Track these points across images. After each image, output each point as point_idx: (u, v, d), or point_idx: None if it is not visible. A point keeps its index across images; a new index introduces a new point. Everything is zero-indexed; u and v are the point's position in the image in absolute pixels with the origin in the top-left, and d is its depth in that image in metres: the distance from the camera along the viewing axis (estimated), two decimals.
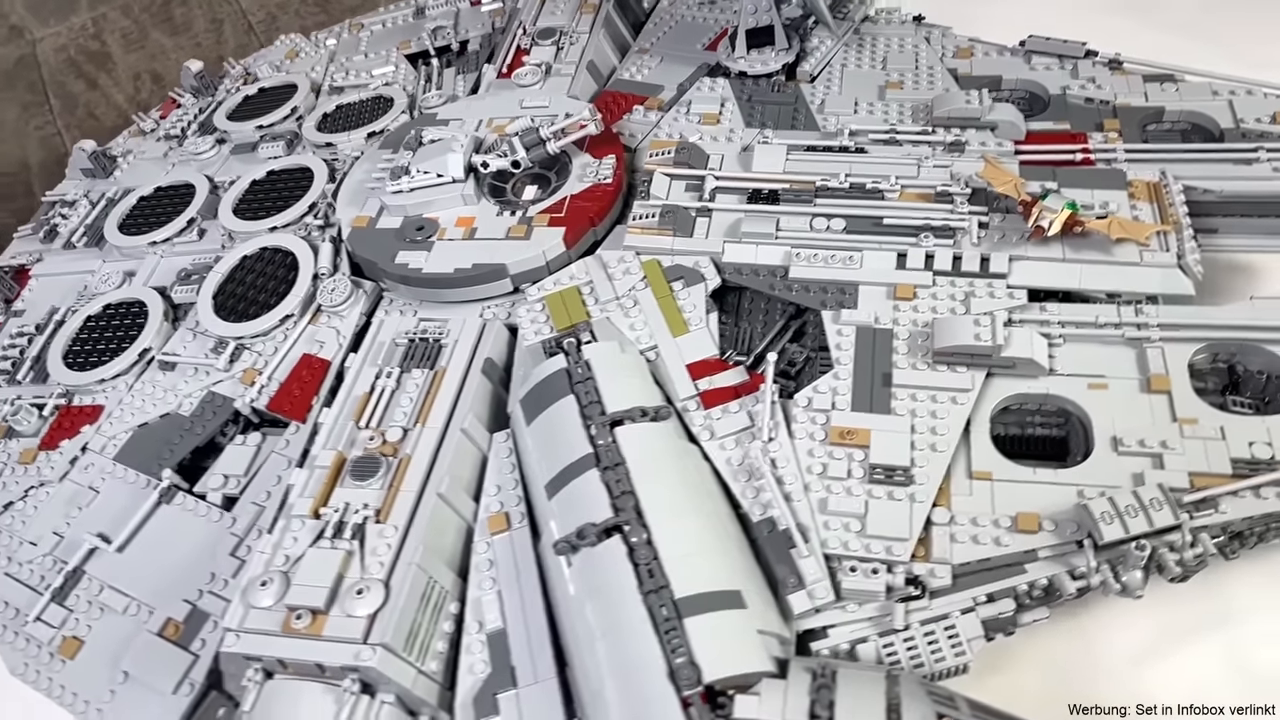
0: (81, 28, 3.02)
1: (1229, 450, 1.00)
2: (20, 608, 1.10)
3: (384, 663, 0.92)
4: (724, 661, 0.86)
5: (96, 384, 1.27)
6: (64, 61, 3.01)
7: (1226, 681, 1.10)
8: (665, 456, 1.02)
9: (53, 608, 1.09)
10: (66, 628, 1.08)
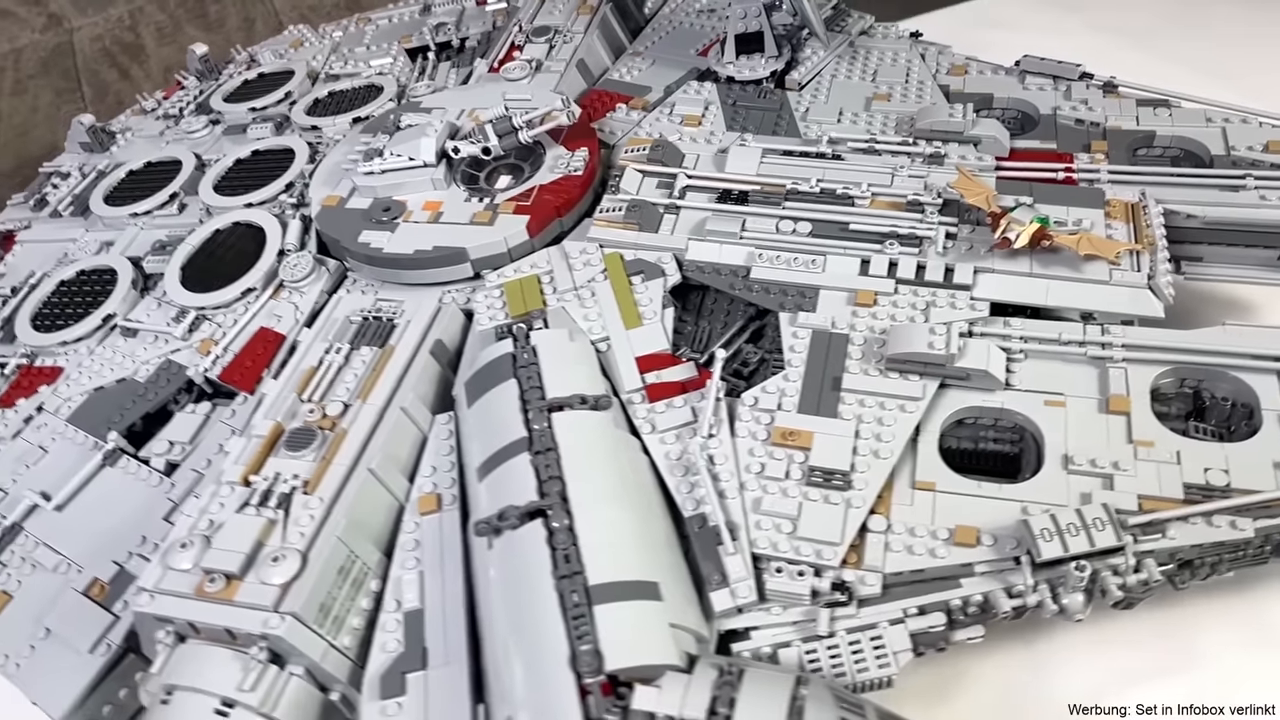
0: (118, 19, 3.09)
1: (1183, 475, 0.96)
2: None
3: (292, 632, 0.90)
4: (628, 651, 0.83)
5: (59, 346, 1.28)
6: (99, 51, 3.07)
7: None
8: (600, 445, 1.00)
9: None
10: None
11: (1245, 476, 0.96)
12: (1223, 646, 1.14)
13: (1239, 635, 1.14)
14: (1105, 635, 1.18)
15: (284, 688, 0.92)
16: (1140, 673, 1.14)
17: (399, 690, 0.91)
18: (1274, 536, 0.94)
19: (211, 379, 1.18)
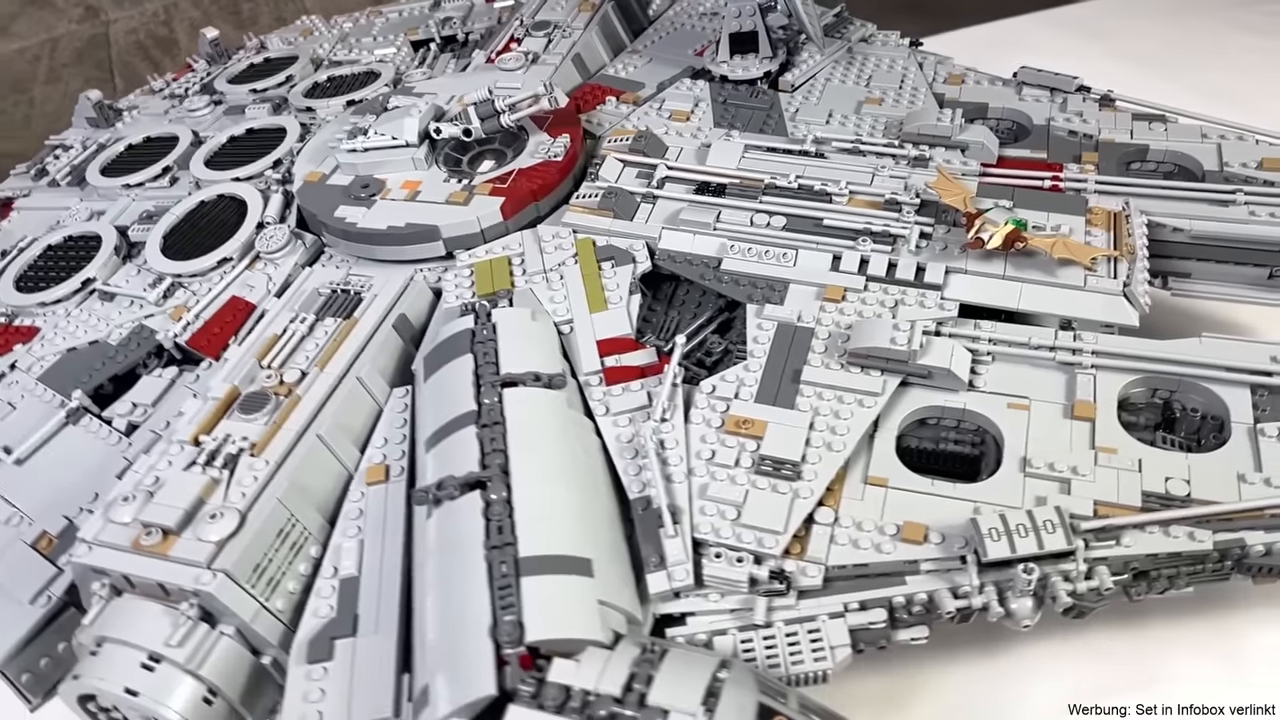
0: (153, 14, 3.16)
1: (1143, 483, 0.93)
2: None
3: (223, 590, 0.90)
4: (551, 624, 0.82)
5: (38, 306, 1.29)
6: (133, 44, 3.14)
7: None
8: (550, 423, 0.99)
9: None
10: None
11: (1207, 488, 0.93)
12: (1188, 672, 1.11)
13: (1205, 662, 1.11)
14: (1067, 653, 1.15)
15: (213, 646, 0.91)
16: (1100, 692, 1.11)
17: (327, 655, 0.90)
18: (1234, 551, 0.91)
19: (180, 345, 1.19)
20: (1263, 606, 1.16)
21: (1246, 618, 1.15)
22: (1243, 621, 1.15)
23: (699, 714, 0.74)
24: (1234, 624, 1.15)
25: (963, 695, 1.13)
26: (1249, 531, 0.91)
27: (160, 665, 0.89)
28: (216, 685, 0.91)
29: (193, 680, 0.90)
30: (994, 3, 2.95)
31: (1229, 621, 1.15)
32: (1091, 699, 1.10)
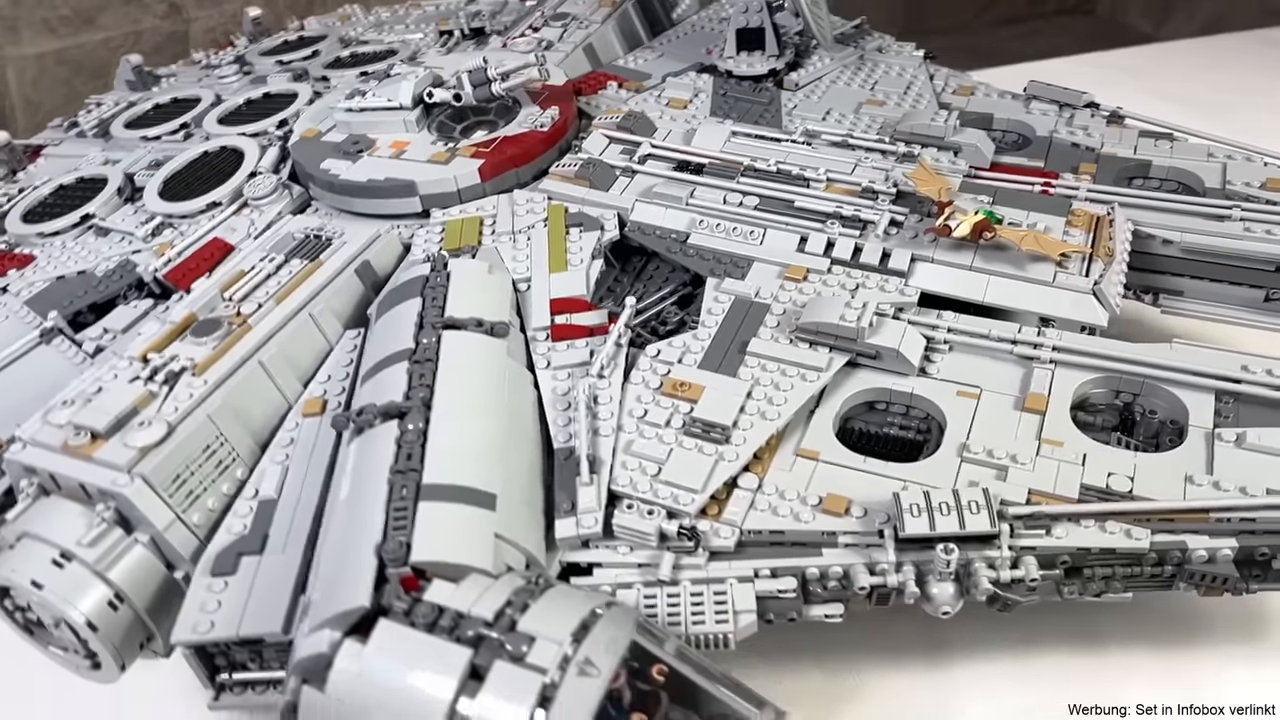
0: (231, 15, 3.30)
1: (1083, 476, 0.89)
2: None
3: (139, 494, 0.90)
4: (438, 547, 0.81)
5: (37, 237, 1.34)
6: (209, 41, 3.28)
7: None
8: (483, 367, 0.98)
9: None
10: None
11: (1151, 487, 0.88)
12: (1142, 704, 1.05)
13: (1162, 695, 1.05)
14: (1018, 672, 1.10)
15: (124, 552, 0.92)
16: (1042, 713, 1.05)
17: (230, 570, 0.90)
18: (1173, 555, 0.86)
19: (159, 279, 1.21)
20: (1232, 643, 1.10)
21: (1213, 655, 1.09)
22: (1209, 657, 1.09)
23: (566, 642, 0.72)
24: (1198, 659, 1.09)
25: (902, 701, 1.09)
26: (1191, 535, 0.86)
27: (70, 564, 0.90)
28: (124, 591, 0.91)
29: (100, 583, 0.91)
30: (1039, 45, 2.93)
31: (1192, 656, 1.09)
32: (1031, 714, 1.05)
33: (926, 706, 1.09)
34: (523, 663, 0.71)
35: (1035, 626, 1.14)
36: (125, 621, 0.92)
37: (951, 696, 1.09)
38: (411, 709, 0.71)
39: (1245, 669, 1.08)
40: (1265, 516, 0.85)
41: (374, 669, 0.73)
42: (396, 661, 0.73)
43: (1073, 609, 1.15)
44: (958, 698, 1.09)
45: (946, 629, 1.15)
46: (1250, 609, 1.14)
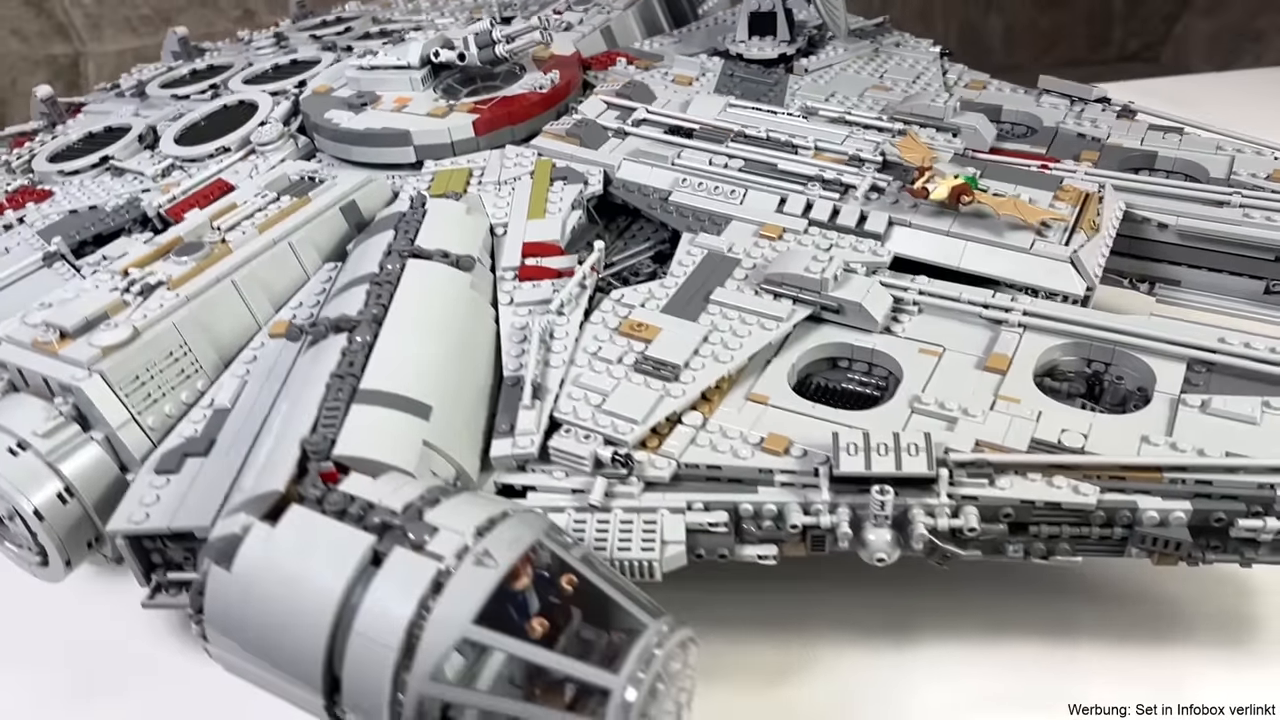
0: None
1: (1035, 431, 0.86)
2: None
3: (96, 391, 0.93)
4: (361, 444, 0.81)
5: (58, 174, 1.40)
6: None
7: None
8: (440, 292, 0.99)
9: None
10: None
11: (1106, 445, 0.84)
12: (1104, 701, 1.00)
13: (1130, 687, 1.00)
14: (980, 659, 1.06)
15: (78, 447, 0.94)
16: (999, 705, 1.01)
17: (174, 469, 0.91)
18: (1123, 515, 0.82)
19: (161, 214, 1.25)
20: (1210, 644, 1.04)
21: (1188, 653, 1.03)
22: (1183, 655, 1.03)
23: (468, 535, 0.71)
24: (1172, 656, 1.03)
25: (854, 678, 1.05)
26: (1143, 496, 0.82)
27: (24, 454, 0.92)
28: (74, 485, 0.93)
29: (52, 475, 0.93)
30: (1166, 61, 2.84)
31: (1165, 653, 1.03)
32: (992, 710, 1.00)
33: (878, 684, 1.05)
34: (422, 550, 0.71)
35: (1007, 614, 1.10)
36: (73, 516, 0.94)
37: (907, 676, 1.05)
38: (310, 589, 0.71)
39: (1223, 670, 1.02)
40: (1222, 480, 0.81)
41: (279, 550, 0.74)
42: (302, 544, 0.73)
43: (1046, 596, 1.12)
44: (914, 678, 1.05)
45: (912, 610, 1.12)
46: (1227, 606, 1.09)
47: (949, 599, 1.13)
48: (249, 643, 0.74)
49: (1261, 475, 0.80)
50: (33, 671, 1.14)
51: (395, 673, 0.68)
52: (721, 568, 1.21)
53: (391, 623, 0.68)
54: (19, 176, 1.46)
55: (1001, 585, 1.15)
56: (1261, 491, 0.80)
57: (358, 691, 0.70)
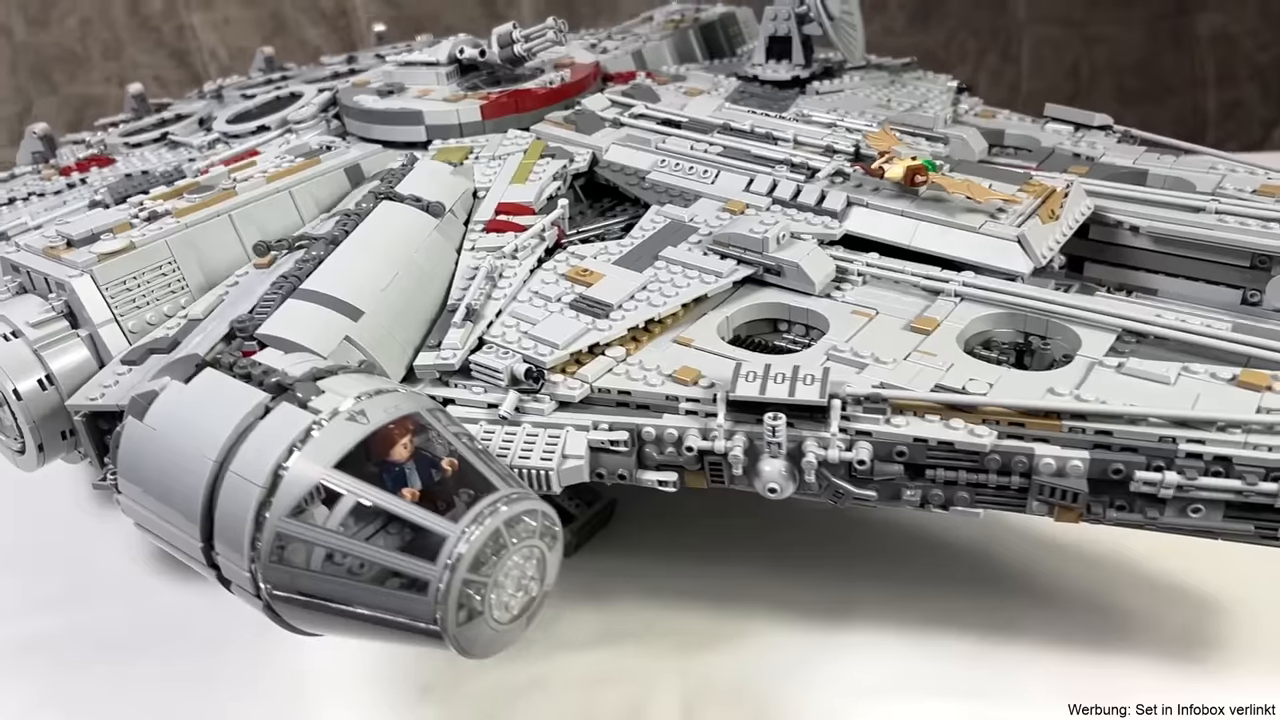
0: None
1: (941, 379, 0.85)
2: None
3: (84, 288, 1.02)
4: (284, 327, 0.88)
5: (124, 145, 1.55)
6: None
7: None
8: (402, 227, 1.05)
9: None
10: None
11: (1011, 395, 0.83)
12: (1025, 696, 0.96)
13: (1065, 694, 0.96)
14: (910, 648, 1.04)
15: (64, 340, 1.03)
16: (925, 690, 0.98)
17: (138, 361, 0.99)
18: (1019, 462, 0.80)
19: (197, 176, 1.37)
20: (1153, 648, 0.99)
21: (1131, 666, 0.99)
22: (1123, 666, 0.98)
23: (349, 397, 0.76)
24: (1112, 667, 0.99)
25: (781, 653, 1.06)
26: (1041, 444, 0.80)
27: (15, 340, 1.02)
28: (54, 374, 1.02)
29: (36, 362, 1.01)
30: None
31: (1106, 663, 0.99)
32: (910, 695, 0.98)
33: (801, 661, 1.04)
34: (304, 407, 0.75)
35: (948, 610, 1.08)
36: (49, 404, 1.02)
37: (833, 656, 1.04)
38: (204, 435, 0.76)
39: (1161, 680, 0.97)
40: (1123, 431, 0.79)
41: (185, 403, 0.80)
42: (205, 399, 0.79)
43: (992, 597, 1.09)
44: (838, 658, 1.04)
45: (853, 598, 1.11)
46: (1182, 621, 1.04)
47: (892, 590, 1.12)
48: (149, 486, 0.80)
49: (1163, 428, 0.78)
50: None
51: (258, 508, 0.72)
52: (673, 543, 1.22)
53: (261, 463, 0.73)
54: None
55: (948, 583, 1.12)
56: (1163, 445, 0.78)
57: (227, 526, 0.74)
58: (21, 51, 3.09)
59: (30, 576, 1.25)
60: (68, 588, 1.23)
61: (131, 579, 1.24)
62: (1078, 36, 3.50)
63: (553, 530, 0.74)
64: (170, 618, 1.17)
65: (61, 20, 3.06)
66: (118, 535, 1.30)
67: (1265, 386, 0.81)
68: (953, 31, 3.48)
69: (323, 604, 0.72)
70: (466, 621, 0.69)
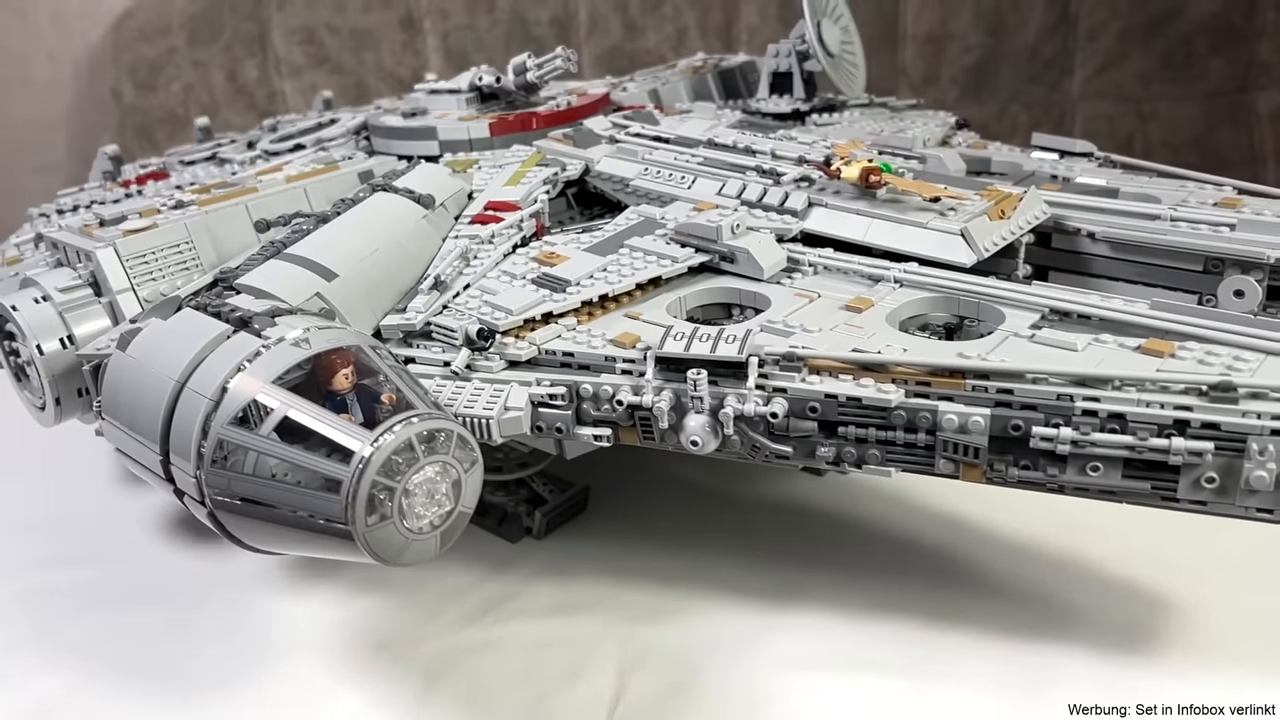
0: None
1: (859, 344, 0.90)
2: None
3: (106, 259, 1.13)
4: (259, 280, 0.98)
5: (179, 163, 1.70)
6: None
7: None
8: (392, 213, 1.15)
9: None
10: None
11: (922, 359, 0.87)
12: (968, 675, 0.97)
13: (1003, 689, 0.97)
14: (850, 630, 1.07)
15: (86, 306, 1.14)
16: (860, 668, 1.00)
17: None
18: (923, 418, 0.84)
19: None
20: (1092, 651, 0.99)
21: (1071, 659, 0.99)
22: (1062, 660, 0.99)
23: (298, 329, 0.84)
24: (1051, 659, 0.99)
25: (721, 629, 1.10)
26: (946, 403, 0.84)
27: (44, 304, 1.13)
28: (75, 335, 1.13)
29: (60, 322, 1.13)
30: None
31: (1044, 656, 1.00)
32: (837, 674, 1.00)
33: (740, 636, 1.07)
34: (258, 335, 0.84)
35: (894, 597, 1.11)
36: (68, 362, 1.12)
37: (774, 635, 1.07)
38: (171, 358, 0.86)
39: (1098, 671, 0.97)
40: (1023, 389, 0.82)
41: (162, 334, 0.89)
42: (178, 332, 0.88)
43: (939, 588, 1.10)
44: (779, 638, 1.06)
45: (801, 581, 1.13)
46: (1127, 617, 1.04)
47: (842, 578, 1.14)
48: (124, 408, 0.89)
49: (1062, 387, 0.81)
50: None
51: (205, 418, 0.80)
52: (641, 529, 1.27)
53: (212, 379, 0.81)
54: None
55: (900, 574, 1.14)
56: (1060, 403, 0.81)
57: (180, 437, 0.82)
58: (129, 113, 3.35)
59: (49, 538, 1.36)
60: (79, 551, 1.32)
61: (138, 545, 1.33)
62: (1133, 112, 3.51)
63: (471, 455, 0.80)
64: (161, 576, 1.25)
65: (167, 85, 3.32)
66: (135, 510, 1.40)
67: (1169, 354, 0.83)
68: (1004, 104, 3.53)
69: (256, 507, 0.79)
70: (377, 524, 0.75)
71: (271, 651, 1.10)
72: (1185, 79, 3.40)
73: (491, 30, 3.48)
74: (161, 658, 1.11)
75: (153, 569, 1.27)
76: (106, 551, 1.32)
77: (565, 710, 0.98)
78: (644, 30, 3.26)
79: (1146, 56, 3.42)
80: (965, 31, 3.47)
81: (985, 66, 3.47)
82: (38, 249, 1.32)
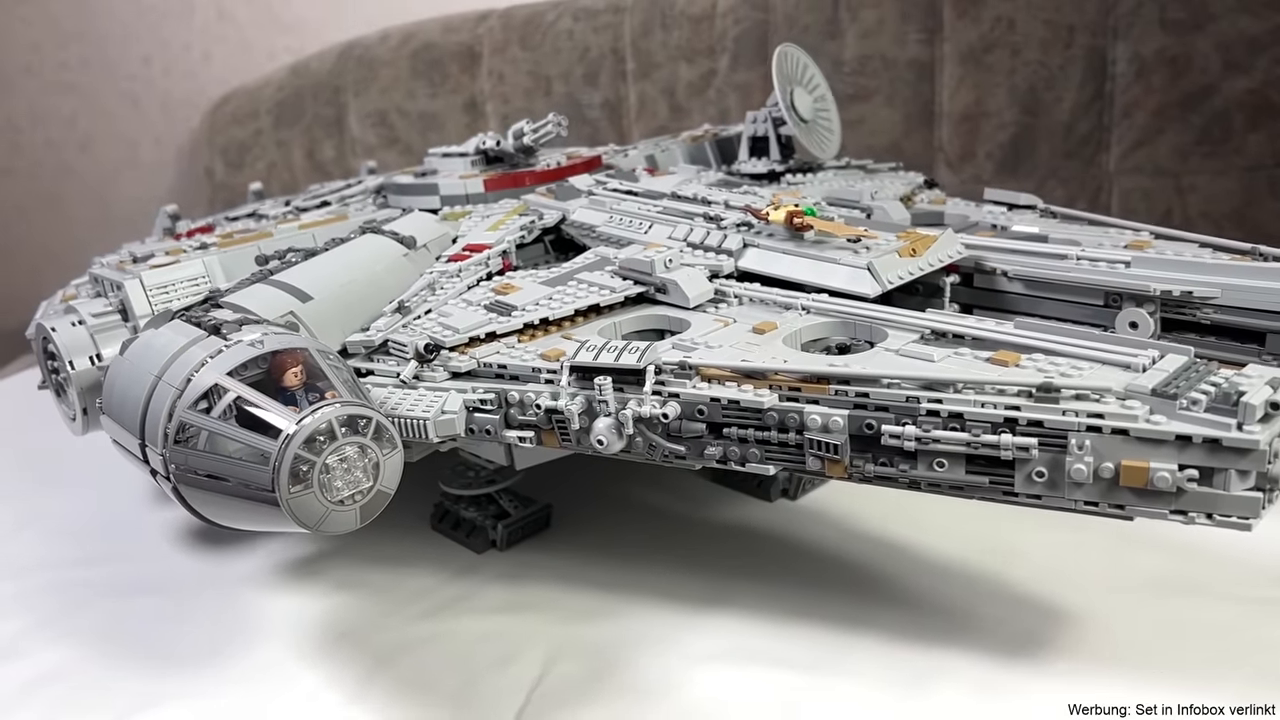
0: None
1: (746, 356, 1.00)
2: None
3: (133, 289, 1.31)
4: (239, 297, 1.13)
5: (225, 220, 1.91)
6: None
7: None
8: (374, 250, 1.30)
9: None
10: None
11: (796, 367, 0.97)
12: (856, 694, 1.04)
13: (879, 662, 1.04)
14: (766, 629, 1.15)
15: (114, 330, 1.32)
16: (769, 662, 1.08)
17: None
18: (793, 419, 0.93)
19: None
20: (978, 659, 1.05)
21: (964, 660, 1.05)
22: (957, 660, 1.05)
23: (257, 332, 0.99)
24: (941, 661, 1.05)
25: (647, 627, 1.19)
26: (812, 406, 0.93)
27: (80, 327, 1.32)
28: (102, 354, 1.30)
29: (91, 345, 1.31)
30: None
31: (939, 659, 1.06)
32: (744, 667, 1.08)
33: (663, 635, 1.15)
34: (224, 338, 0.99)
35: (812, 603, 1.17)
36: (95, 378, 1.30)
37: (694, 634, 1.15)
38: (154, 357, 1.01)
39: (983, 670, 1.03)
40: (877, 392, 0.91)
41: (152, 340, 1.05)
42: (165, 336, 1.04)
43: (854, 594, 1.17)
44: (698, 636, 1.14)
45: (731, 588, 1.21)
46: (1021, 628, 1.09)
47: (766, 588, 1.22)
48: (116, 403, 1.04)
49: (912, 390, 0.90)
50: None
51: (172, 404, 0.95)
52: (600, 544, 1.37)
53: (181, 372, 0.96)
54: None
55: (821, 586, 1.21)
56: (909, 404, 0.90)
57: (152, 422, 0.97)
58: (219, 189, 3.67)
59: (81, 541, 1.52)
60: (104, 552, 1.48)
61: (155, 548, 1.48)
62: (1170, 186, 3.53)
63: (391, 440, 0.93)
64: (167, 574, 1.40)
65: (253, 164, 3.63)
66: (159, 520, 1.56)
67: (1014, 363, 0.91)
68: (1041, 180, 3.59)
69: (209, 480, 0.93)
70: (300, 493, 0.88)
71: (250, 637, 1.23)
72: (1223, 153, 3.42)
73: (547, 113, 3.75)
74: (153, 638, 1.24)
75: (161, 567, 1.42)
76: (127, 553, 1.47)
77: (491, 690, 1.08)
78: (689, 112, 3.44)
79: (1183, 132, 3.45)
80: (1000, 109, 3.56)
81: (1021, 143, 3.54)
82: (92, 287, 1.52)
